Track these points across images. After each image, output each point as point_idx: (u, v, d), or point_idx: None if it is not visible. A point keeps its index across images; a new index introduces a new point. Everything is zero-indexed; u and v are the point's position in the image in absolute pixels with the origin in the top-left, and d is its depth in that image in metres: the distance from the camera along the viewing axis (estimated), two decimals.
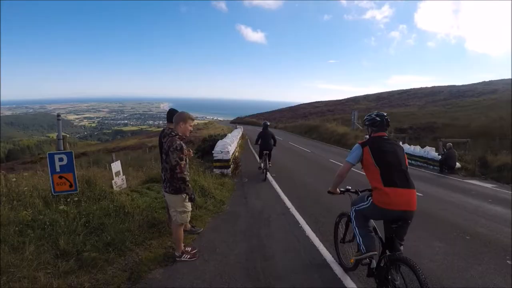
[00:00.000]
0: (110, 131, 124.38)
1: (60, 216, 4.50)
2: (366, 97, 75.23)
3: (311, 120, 44.60)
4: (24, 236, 3.98)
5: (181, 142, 3.82)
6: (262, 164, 10.42)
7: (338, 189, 3.56)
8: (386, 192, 2.93)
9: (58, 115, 5.15)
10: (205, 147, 14.24)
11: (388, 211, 2.94)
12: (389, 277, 2.91)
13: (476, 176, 13.10)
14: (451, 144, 13.92)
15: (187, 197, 3.96)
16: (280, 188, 8.87)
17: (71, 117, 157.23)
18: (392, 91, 74.73)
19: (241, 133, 24.63)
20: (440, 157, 14.41)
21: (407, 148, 16.47)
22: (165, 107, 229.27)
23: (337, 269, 3.99)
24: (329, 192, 3.60)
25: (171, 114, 4.37)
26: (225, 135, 17.57)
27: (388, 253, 3.05)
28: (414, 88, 70.98)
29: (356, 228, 3.35)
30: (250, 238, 5.10)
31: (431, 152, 15.48)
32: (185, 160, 3.88)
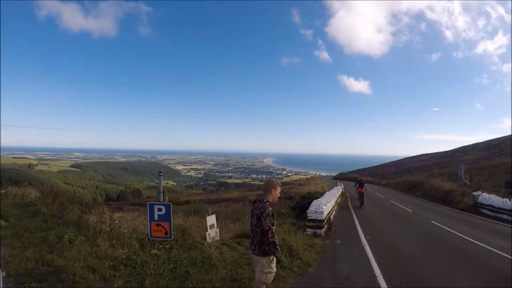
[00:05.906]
0: (215, 182, 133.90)
1: (151, 259, 5.11)
2: (475, 147, 68.85)
3: (416, 175, 41.14)
4: (116, 270, 4.66)
5: (271, 208, 4.04)
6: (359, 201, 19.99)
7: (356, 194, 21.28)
8: (358, 190, 20.24)
9: (160, 172, 5.99)
10: (303, 204, 14.43)
11: (359, 193, 20.20)
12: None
13: None
14: None
15: (275, 259, 4.07)
16: (372, 252, 8.32)
17: (179, 167, 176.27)
18: (503, 137, 66.23)
19: (341, 190, 24.04)
20: None
21: None
22: (269, 161, 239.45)
23: None
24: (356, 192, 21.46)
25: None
26: (323, 193, 17.38)
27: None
28: None
29: (357, 196, 20.71)
30: None
31: None
32: (275, 225, 4.06)
